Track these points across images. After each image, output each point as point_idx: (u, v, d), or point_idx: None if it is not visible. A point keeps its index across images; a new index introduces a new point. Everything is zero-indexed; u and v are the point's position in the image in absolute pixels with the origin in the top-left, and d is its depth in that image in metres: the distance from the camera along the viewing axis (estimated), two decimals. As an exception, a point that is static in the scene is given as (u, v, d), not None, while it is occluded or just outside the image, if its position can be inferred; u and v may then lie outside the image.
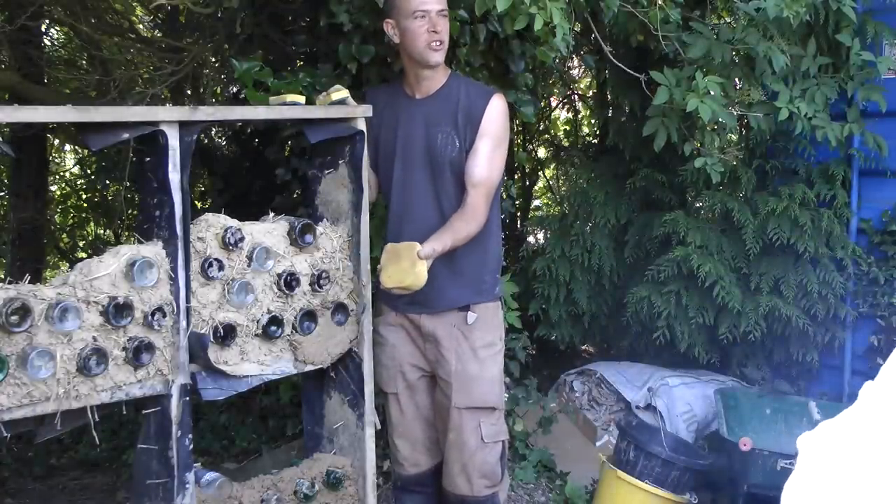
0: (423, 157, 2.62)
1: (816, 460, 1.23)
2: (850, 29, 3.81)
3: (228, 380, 2.32)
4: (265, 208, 2.75)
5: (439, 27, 2.52)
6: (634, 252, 4.68)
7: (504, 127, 2.63)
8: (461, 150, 2.59)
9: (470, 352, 2.66)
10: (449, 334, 2.66)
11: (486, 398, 2.68)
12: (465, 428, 2.67)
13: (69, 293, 1.98)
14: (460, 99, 2.60)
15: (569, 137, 6.70)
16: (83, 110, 2.10)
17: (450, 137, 2.58)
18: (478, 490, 2.70)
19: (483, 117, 2.58)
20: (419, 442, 2.80)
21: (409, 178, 2.64)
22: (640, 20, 3.47)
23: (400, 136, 2.65)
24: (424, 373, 2.76)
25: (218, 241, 2.27)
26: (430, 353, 2.71)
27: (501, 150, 2.63)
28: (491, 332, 2.71)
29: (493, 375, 2.70)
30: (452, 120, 2.59)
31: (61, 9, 4.03)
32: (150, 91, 3.77)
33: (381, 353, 2.77)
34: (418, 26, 2.52)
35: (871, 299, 4.22)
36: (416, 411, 2.78)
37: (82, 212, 6.54)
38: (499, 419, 2.73)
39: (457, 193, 2.61)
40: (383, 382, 2.78)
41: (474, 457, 2.68)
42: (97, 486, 4.25)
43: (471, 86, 2.67)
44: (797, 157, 4.43)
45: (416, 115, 2.63)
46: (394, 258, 2.44)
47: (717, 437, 3.83)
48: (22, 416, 1.94)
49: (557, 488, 3.79)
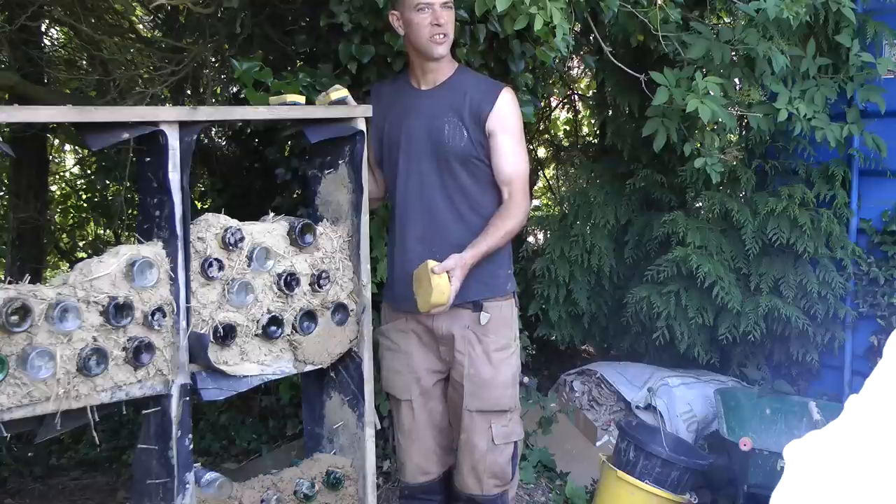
0: (428, 147, 2.61)
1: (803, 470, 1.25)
2: (849, 30, 3.82)
3: (228, 380, 2.32)
4: (265, 208, 2.75)
5: (442, 20, 2.51)
6: (634, 252, 4.68)
7: (518, 118, 2.64)
8: (470, 140, 2.58)
9: (483, 356, 2.63)
10: (462, 336, 2.63)
11: (498, 402, 2.67)
12: (476, 430, 2.66)
13: (69, 293, 1.98)
14: (468, 90, 2.60)
15: (569, 137, 6.70)
16: (83, 110, 2.10)
17: (458, 128, 2.57)
18: (487, 489, 2.71)
19: (495, 113, 2.57)
20: (430, 450, 2.77)
21: (413, 169, 2.63)
22: (639, 20, 3.47)
23: (405, 128, 2.64)
24: (440, 376, 2.74)
25: (218, 241, 2.27)
26: (446, 354, 2.69)
27: (522, 141, 2.65)
28: (505, 334, 2.68)
29: (507, 379, 2.68)
30: (459, 111, 2.58)
31: (61, 9, 4.03)
32: (150, 91, 3.77)
33: (395, 359, 2.75)
34: (422, 18, 2.51)
35: (871, 299, 4.22)
36: (428, 418, 2.75)
37: (82, 212, 6.53)
38: (511, 420, 2.71)
39: (469, 184, 2.61)
40: (397, 389, 2.76)
41: (485, 458, 2.67)
42: (97, 486, 4.25)
43: (479, 79, 2.67)
44: (797, 158, 4.44)
45: (422, 107, 2.62)
46: (417, 283, 2.49)
47: (717, 437, 3.83)
48: (22, 416, 1.94)
49: (557, 488, 3.79)
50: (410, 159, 2.63)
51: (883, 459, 1.20)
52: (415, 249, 2.63)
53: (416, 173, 2.63)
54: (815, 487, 1.23)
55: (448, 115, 2.58)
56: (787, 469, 1.28)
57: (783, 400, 3.92)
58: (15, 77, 4.20)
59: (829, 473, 1.23)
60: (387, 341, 2.78)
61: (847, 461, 1.23)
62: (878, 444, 1.22)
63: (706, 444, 4.01)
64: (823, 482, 1.23)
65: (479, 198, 2.63)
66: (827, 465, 1.24)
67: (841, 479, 1.22)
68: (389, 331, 2.77)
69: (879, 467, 1.20)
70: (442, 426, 2.77)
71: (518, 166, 2.61)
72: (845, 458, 1.23)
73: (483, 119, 2.57)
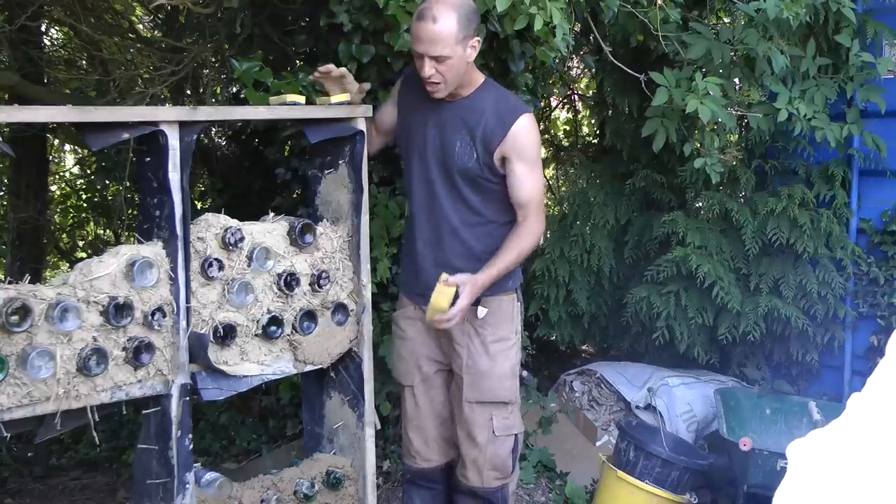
0: (438, 158, 2.61)
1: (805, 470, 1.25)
2: (849, 30, 3.82)
3: (228, 380, 2.32)
4: (265, 208, 2.75)
5: (425, 73, 2.46)
6: (634, 252, 4.68)
7: (535, 145, 2.63)
8: (478, 161, 2.56)
9: (481, 347, 2.66)
10: (461, 329, 2.65)
11: (496, 393, 2.69)
12: (476, 422, 2.69)
13: (69, 293, 1.98)
14: (485, 111, 2.56)
15: (569, 137, 6.70)
16: (83, 110, 2.10)
17: (468, 147, 2.56)
18: (487, 482, 2.73)
19: (507, 141, 2.54)
20: (431, 438, 2.81)
21: (425, 177, 2.64)
22: (639, 20, 3.47)
23: (422, 134, 2.63)
24: (442, 366, 2.77)
25: (218, 241, 2.27)
26: (446, 347, 2.72)
27: (538, 167, 2.64)
28: (504, 327, 2.70)
29: (505, 371, 2.70)
30: (473, 131, 2.55)
31: (61, 9, 4.02)
32: (150, 91, 3.77)
33: (401, 345, 2.80)
34: (419, 65, 2.49)
35: (871, 299, 4.23)
36: (430, 406, 2.79)
37: (82, 212, 6.52)
38: (512, 412, 2.74)
39: (474, 199, 2.61)
40: (401, 375, 2.81)
41: (485, 450, 2.70)
42: (97, 486, 4.25)
43: (500, 100, 2.60)
44: (797, 158, 4.44)
45: (440, 118, 2.60)
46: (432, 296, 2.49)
47: (717, 437, 3.83)
48: (22, 416, 1.95)
49: (557, 488, 3.79)
50: (423, 167, 2.64)
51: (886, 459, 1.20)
52: (422, 252, 2.67)
53: (426, 182, 2.64)
54: (818, 487, 1.23)
55: (462, 132, 2.57)
56: (789, 468, 1.28)
57: (783, 400, 3.92)
58: (15, 77, 4.20)
59: (831, 473, 1.23)
60: (396, 328, 2.83)
61: (850, 460, 1.23)
62: (881, 444, 1.22)
63: (706, 444, 4.01)
64: (826, 482, 1.22)
65: (486, 209, 2.64)
66: (830, 465, 1.24)
67: (844, 478, 1.21)
68: (398, 318, 2.81)
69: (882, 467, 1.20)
70: (444, 416, 2.80)
71: (532, 191, 2.61)
72: (848, 457, 1.23)
73: (493, 147, 2.55)
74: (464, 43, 2.45)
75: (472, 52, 2.51)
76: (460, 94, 2.59)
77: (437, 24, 2.40)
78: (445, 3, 2.43)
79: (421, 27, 2.42)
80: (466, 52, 2.48)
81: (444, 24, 2.41)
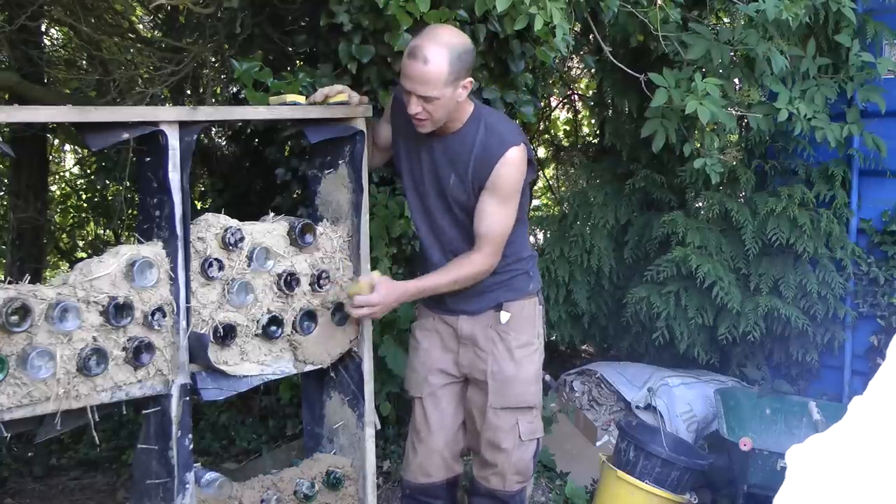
0: (436, 190, 2.60)
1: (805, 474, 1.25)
2: (849, 30, 3.82)
3: (228, 380, 2.32)
4: (265, 208, 2.76)
5: (412, 109, 2.42)
6: (634, 252, 4.68)
7: (515, 182, 2.53)
8: (469, 196, 2.55)
9: (506, 352, 2.65)
10: (485, 336, 2.66)
11: (523, 398, 2.68)
12: (502, 428, 2.68)
13: (69, 293, 1.98)
14: (474, 148, 2.51)
15: (569, 137, 6.70)
16: (83, 110, 2.10)
17: (459, 185, 2.55)
18: (510, 486, 2.74)
19: (492, 173, 2.49)
20: (436, 452, 2.77)
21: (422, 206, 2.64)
22: (639, 20, 3.47)
23: (416, 165, 2.61)
24: (453, 379, 2.75)
25: (218, 241, 2.27)
26: (465, 357, 2.70)
27: (509, 204, 2.55)
28: (527, 332, 2.69)
29: (530, 375, 2.69)
30: (464, 170, 2.53)
31: (61, 9, 4.02)
32: (150, 91, 3.77)
33: (415, 357, 2.79)
34: (405, 98, 2.45)
35: (871, 299, 4.23)
36: (439, 419, 2.75)
37: (82, 212, 6.52)
38: (536, 417, 2.74)
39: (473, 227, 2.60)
40: (411, 386, 2.79)
41: (511, 455, 2.70)
42: (97, 486, 4.25)
43: (489, 133, 2.53)
44: (796, 158, 4.44)
45: (432, 151, 2.57)
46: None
47: (717, 437, 3.83)
48: (22, 416, 1.95)
49: (557, 488, 3.79)
50: (420, 195, 2.64)
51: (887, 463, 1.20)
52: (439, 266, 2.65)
53: (424, 210, 2.65)
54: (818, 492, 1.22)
55: (455, 166, 2.54)
56: (789, 473, 1.28)
57: (783, 400, 3.92)
58: (15, 77, 4.20)
59: (832, 477, 1.23)
60: (412, 340, 2.82)
61: (850, 465, 1.22)
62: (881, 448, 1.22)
63: (706, 444, 4.01)
64: (826, 486, 1.22)
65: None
66: (830, 469, 1.24)
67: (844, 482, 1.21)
68: (416, 328, 2.81)
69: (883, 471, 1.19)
70: (451, 432, 2.77)
71: (493, 226, 2.54)
72: (848, 461, 1.23)
73: (483, 183, 2.52)
74: (454, 84, 2.40)
75: (463, 92, 2.45)
76: (449, 129, 2.53)
77: (427, 64, 2.35)
78: (438, 43, 2.37)
79: (411, 66, 2.37)
80: (457, 91, 2.42)
81: (434, 66, 2.35)
